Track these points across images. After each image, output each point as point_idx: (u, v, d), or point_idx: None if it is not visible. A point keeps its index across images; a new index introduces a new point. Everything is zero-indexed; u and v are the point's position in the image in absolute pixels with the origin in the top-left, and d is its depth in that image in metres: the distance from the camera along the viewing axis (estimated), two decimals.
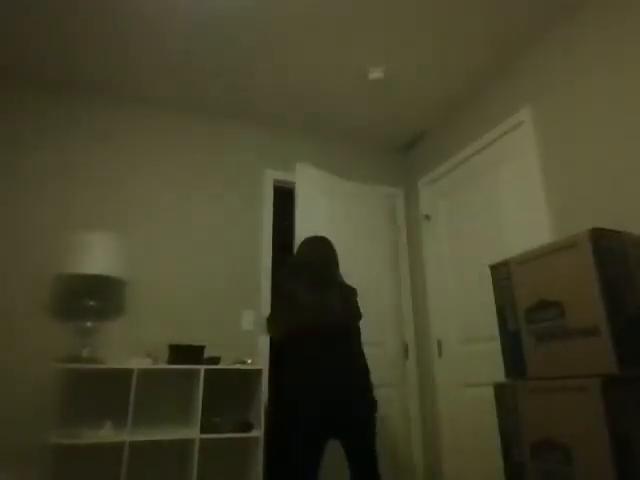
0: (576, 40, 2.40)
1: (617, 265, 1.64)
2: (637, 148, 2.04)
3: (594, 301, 1.58)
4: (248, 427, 2.57)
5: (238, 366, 2.68)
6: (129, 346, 2.62)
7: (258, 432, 2.54)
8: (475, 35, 2.60)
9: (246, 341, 2.96)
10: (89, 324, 2.56)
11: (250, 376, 2.80)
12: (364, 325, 3.26)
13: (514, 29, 2.57)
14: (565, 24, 2.46)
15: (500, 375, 1.92)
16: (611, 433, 1.42)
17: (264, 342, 2.97)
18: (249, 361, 2.78)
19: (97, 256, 2.60)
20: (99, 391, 2.56)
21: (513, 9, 2.43)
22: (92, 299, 2.60)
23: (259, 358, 2.93)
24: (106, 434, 2.34)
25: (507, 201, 2.76)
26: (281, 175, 3.41)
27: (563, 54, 2.47)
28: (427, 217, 3.46)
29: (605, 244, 1.64)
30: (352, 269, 3.36)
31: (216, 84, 3.01)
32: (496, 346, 1.99)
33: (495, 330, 1.98)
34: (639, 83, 2.07)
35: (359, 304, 2.38)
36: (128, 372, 2.41)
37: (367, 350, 3.22)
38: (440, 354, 3.14)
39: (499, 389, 1.87)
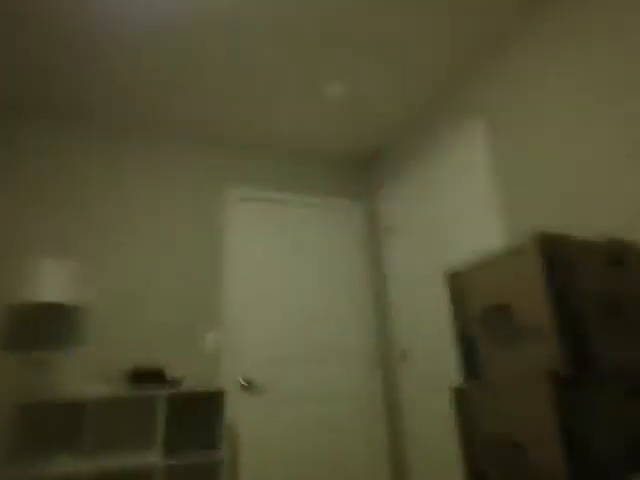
0: (519, 53, 2.51)
1: (563, 268, 1.70)
2: (584, 152, 2.14)
3: (541, 303, 1.63)
4: (212, 449, 2.52)
5: (200, 388, 2.64)
6: (88, 373, 2.55)
7: (221, 454, 2.49)
8: (430, 49, 2.68)
9: (210, 362, 2.91)
10: (43, 353, 2.48)
11: (214, 397, 2.75)
12: (331, 339, 3.27)
13: (467, 43, 2.65)
14: (519, 34, 2.58)
15: None
16: (561, 432, 1.46)
17: (228, 364, 2.94)
18: (213, 382, 2.74)
19: (51, 283, 2.53)
20: (56, 421, 2.47)
21: (466, 23, 2.52)
22: (47, 327, 2.53)
23: (223, 379, 2.89)
24: (62, 465, 2.26)
25: (464, 210, 2.83)
26: (242, 192, 3.41)
27: (510, 67, 2.58)
28: (388, 228, 3.52)
29: (551, 248, 1.71)
30: (316, 283, 3.39)
31: (169, 104, 3.01)
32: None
33: None
34: (587, 85, 2.17)
35: None
36: (84, 401, 2.34)
37: (333, 365, 3.23)
38: (405, 362, 3.17)
39: (456, 393, 1.90)
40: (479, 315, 1.91)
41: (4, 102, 2.86)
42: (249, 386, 2.93)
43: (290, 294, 3.30)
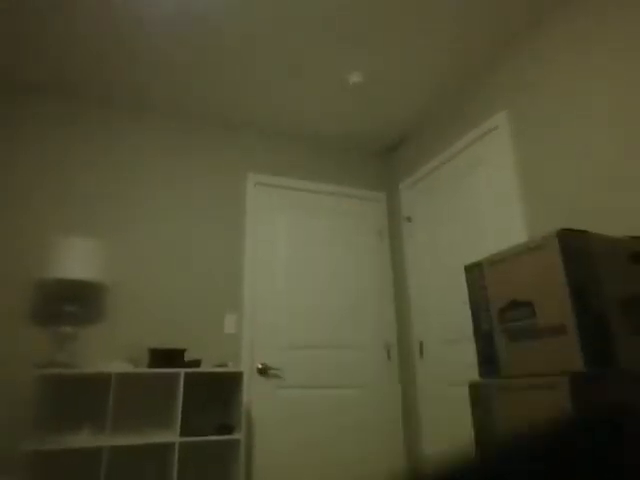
0: (546, 47, 2.44)
1: (584, 264, 1.67)
2: (606, 152, 2.09)
3: (562, 300, 1.61)
4: (229, 430, 2.57)
5: (219, 369, 2.69)
6: (110, 350, 2.62)
7: (238, 435, 2.54)
8: (455, 39, 2.64)
9: (229, 345, 2.96)
10: (68, 329, 2.55)
11: (231, 379, 2.80)
12: (348, 327, 3.28)
13: (491, 35, 2.61)
14: (535, 32, 2.51)
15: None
16: None
17: (246, 347, 2.98)
18: (230, 364, 2.79)
19: (77, 261, 2.59)
20: (79, 396, 2.55)
21: (491, 16, 2.47)
22: (72, 304, 2.59)
23: (241, 361, 2.93)
24: (84, 439, 2.33)
25: (485, 202, 2.79)
26: (264, 179, 3.43)
27: (535, 61, 2.51)
28: (408, 219, 3.49)
29: (573, 244, 1.67)
30: (335, 271, 3.40)
31: (199, 90, 3.02)
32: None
33: None
34: (605, 86, 2.11)
35: None
36: (107, 376, 2.40)
37: (350, 352, 3.25)
38: (421, 354, 3.17)
39: (473, 388, 1.90)
40: (498, 309, 1.89)
41: (35, 82, 2.91)
42: (265, 370, 2.97)
43: (309, 281, 3.31)
